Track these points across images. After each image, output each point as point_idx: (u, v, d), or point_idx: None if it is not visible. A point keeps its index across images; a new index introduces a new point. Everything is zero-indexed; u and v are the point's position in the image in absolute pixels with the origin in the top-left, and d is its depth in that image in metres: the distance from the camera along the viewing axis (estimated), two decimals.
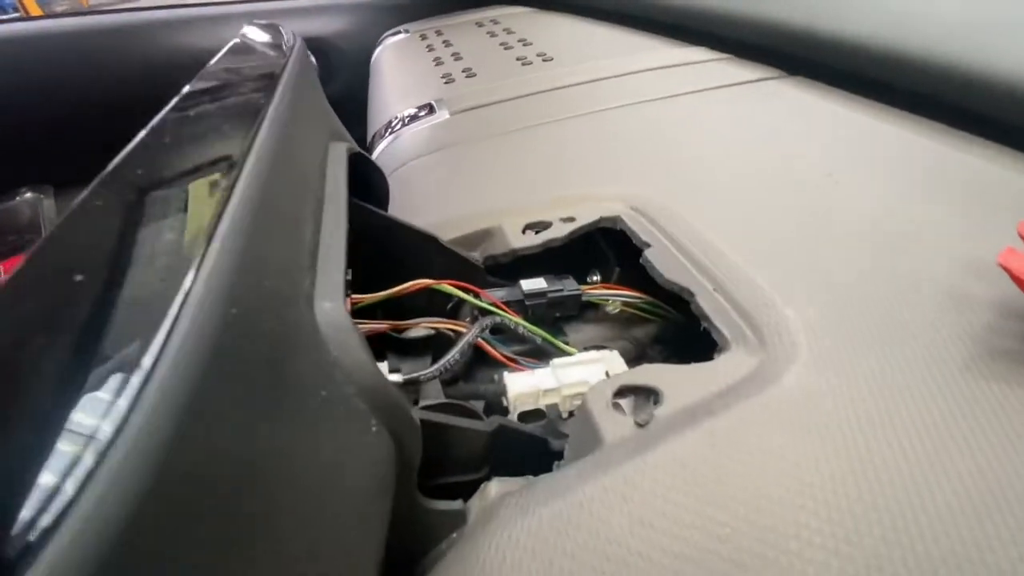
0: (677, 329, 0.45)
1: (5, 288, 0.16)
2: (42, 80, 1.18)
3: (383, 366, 0.31)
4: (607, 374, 0.35)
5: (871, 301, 0.32)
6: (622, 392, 0.30)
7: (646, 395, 0.30)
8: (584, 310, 0.46)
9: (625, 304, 0.45)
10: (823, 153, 0.49)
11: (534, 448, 0.31)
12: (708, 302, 0.35)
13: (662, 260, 0.39)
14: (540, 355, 0.41)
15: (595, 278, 0.53)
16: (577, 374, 0.35)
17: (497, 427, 0.29)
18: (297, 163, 0.27)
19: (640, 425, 0.28)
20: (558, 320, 0.46)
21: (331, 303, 0.20)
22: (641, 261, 0.40)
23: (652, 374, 0.31)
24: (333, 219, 0.27)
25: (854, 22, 0.63)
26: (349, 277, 0.36)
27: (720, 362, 0.31)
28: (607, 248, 0.48)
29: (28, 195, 1.28)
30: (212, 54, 0.38)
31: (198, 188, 0.22)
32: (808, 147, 0.51)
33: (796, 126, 0.55)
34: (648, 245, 0.41)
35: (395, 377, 0.32)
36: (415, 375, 0.33)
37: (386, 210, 0.45)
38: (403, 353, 0.42)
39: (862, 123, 0.54)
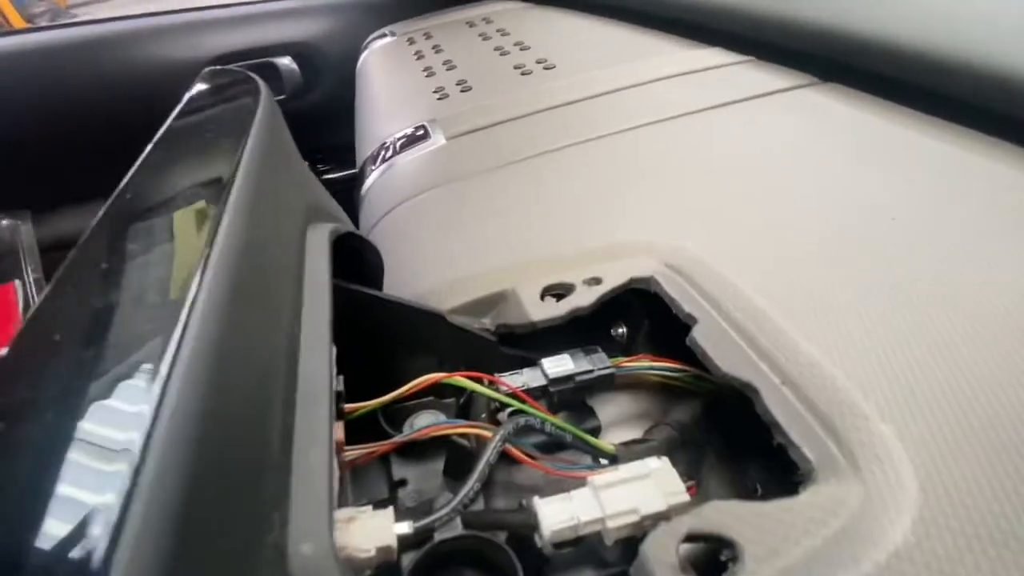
0: (722, 402, 0.39)
1: None
2: (15, 99, 1.11)
3: (388, 513, 0.25)
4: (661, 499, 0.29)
5: (995, 416, 0.26)
6: (689, 539, 0.24)
7: (718, 547, 0.24)
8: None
9: (665, 378, 0.39)
10: (881, 187, 0.43)
11: None
12: (778, 403, 0.29)
13: (715, 343, 0.33)
14: (565, 445, 0.35)
15: (621, 330, 0.47)
16: (624, 498, 0.29)
17: None
18: (261, 289, 0.20)
19: None
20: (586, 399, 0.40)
21: (313, 545, 0.14)
22: (688, 343, 0.34)
23: (724, 516, 0.25)
24: (315, 361, 0.20)
25: (899, 20, 0.55)
26: (340, 387, 0.30)
27: (806, 501, 0.25)
28: (633, 298, 0.42)
29: (5, 222, 1.22)
30: (188, 66, 0.31)
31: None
32: (862, 178, 0.44)
33: (842, 150, 0.49)
34: (694, 319, 0.34)
35: (403, 528, 0.25)
36: (429, 522, 0.27)
37: (380, 284, 0.38)
38: (409, 457, 0.36)
39: (913, 142, 0.48)
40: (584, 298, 0.38)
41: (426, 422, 0.36)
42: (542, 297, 0.39)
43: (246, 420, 0.15)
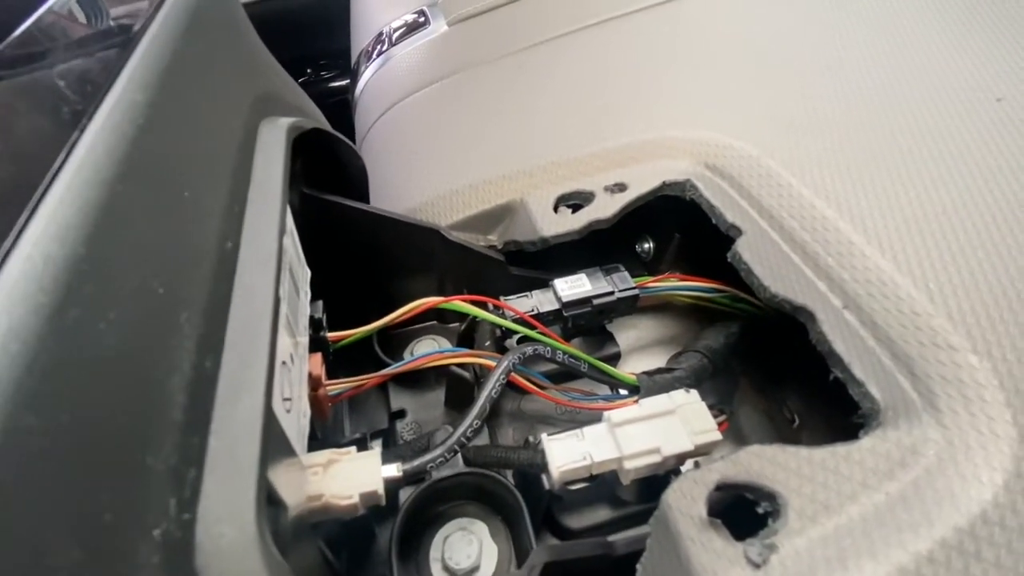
0: (762, 324, 0.34)
1: None
2: None
3: (374, 455, 0.22)
4: (687, 442, 0.25)
5: None
6: (721, 489, 0.21)
7: (755, 498, 0.21)
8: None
9: (697, 299, 0.34)
10: (984, 61, 0.34)
11: (592, 567, 0.23)
12: (838, 331, 0.24)
13: (763, 258, 0.27)
14: (581, 375, 0.31)
15: (647, 246, 0.42)
16: (644, 437, 0.25)
17: (543, 568, 0.20)
18: (179, 176, 0.15)
19: (756, 565, 0.19)
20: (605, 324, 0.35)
21: (233, 526, 0.11)
22: (730, 258, 0.28)
23: (765, 464, 0.21)
24: (257, 284, 0.16)
25: None
26: (319, 315, 0.26)
27: (868, 448, 0.20)
28: (663, 207, 0.36)
29: None
30: None
31: None
32: (957, 49, 0.35)
33: (931, 14, 0.38)
34: (739, 231, 0.29)
35: (391, 471, 0.23)
36: (420, 464, 0.24)
37: (366, 194, 0.33)
38: (409, 386, 0.33)
39: None
40: (605, 208, 0.32)
41: (426, 350, 0.33)
42: (555, 208, 0.34)
43: (125, 372, 0.11)
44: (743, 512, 0.21)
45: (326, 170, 0.29)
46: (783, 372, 0.34)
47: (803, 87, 0.35)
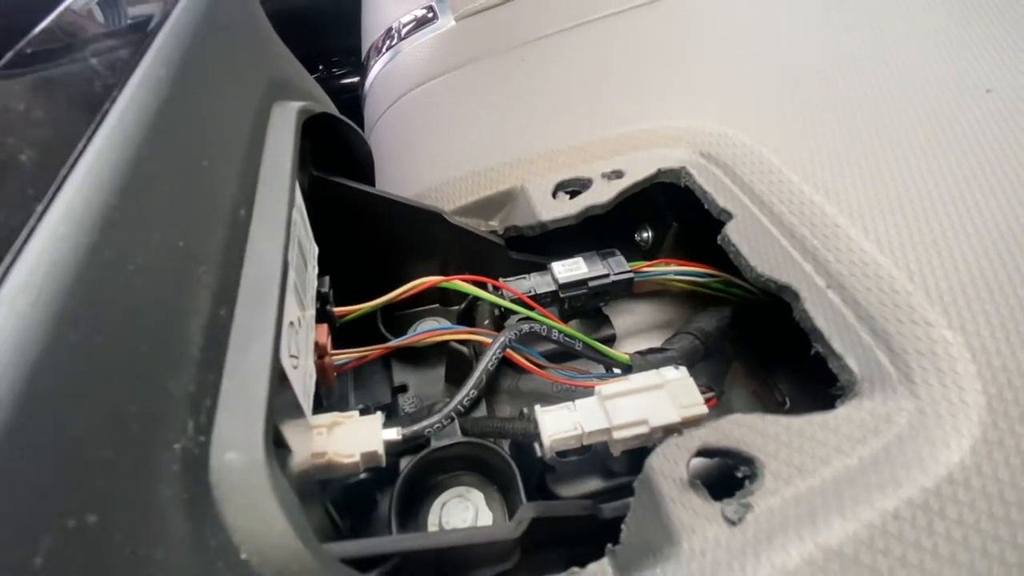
0: (759, 309, 0.35)
1: None
2: None
3: (376, 419, 0.24)
4: (673, 412, 0.26)
5: None
6: (702, 455, 0.22)
7: (734, 463, 0.22)
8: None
9: (691, 283, 0.35)
10: (976, 52, 0.34)
11: (578, 526, 0.24)
12: (820, 308, 0.25)
13: (751, 240, 0.28)
14: (577, 355, 0.33)
15: (646, 235, 0.43)
16: (633, 409, 0.26)
17: (529, 524, 0.21)
18: (197, 149, 0.17)
19: (732, 522, 0.20)
20: (602, 305, 0.36)
21: (240, 453, 0.12)
22: (720, 241, 0.29)
23: (744, 431, 0.22)
24: (267, 251, 0.17)
25: None
26: (326, 289, 0.28)
27: (844, 416, 0.21)
28: (661, 196, 0.37)
29: None
30: None
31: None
32: (950, 40, 0.35)
33: (924, 6, 0.39)
34: (729, 215, 0.30)
35: (392, 433, 0.24)
36: (419, 428, 0.25)
37: (371, 177, 0.34)
38: (411, 363, 0.34)
39: None
40: (602, 194, 0.34)
41: (428, 328, 0.34)
42: (554, 194, 0.35)
43: (151, 304, 0.12)
44: (727, 482, 0.22)
45: (334, 154, 0.31)
46: (775, 356, 0.35)
47: (795, 78, 0.36)
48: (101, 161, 0.13)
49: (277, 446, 0.15)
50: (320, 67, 1.22)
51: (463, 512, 0.27)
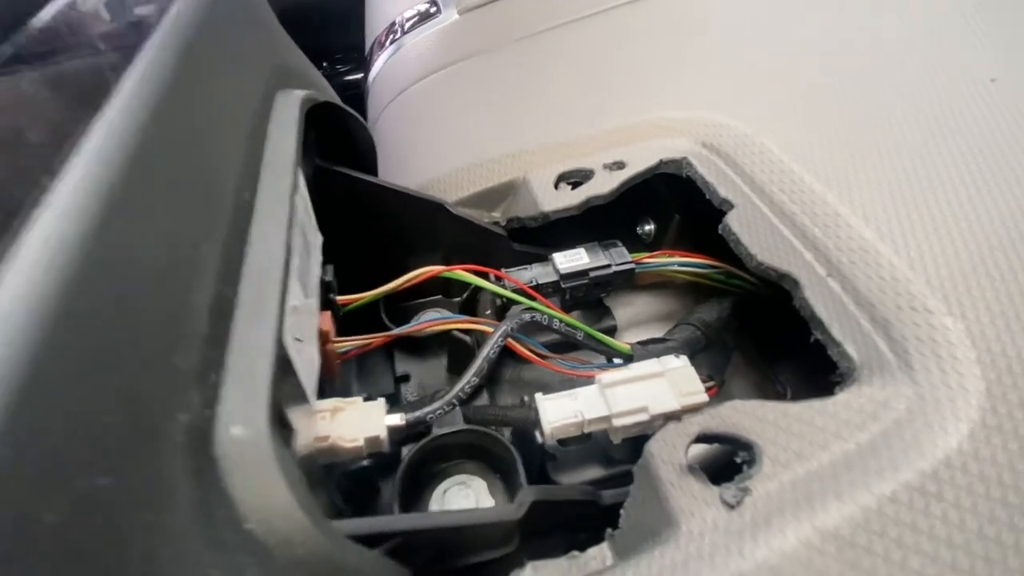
0: (760, 300, 0.35)
1: None
2: None
3: (379, 404, 0.24)
4: (673, 400, 0.26)
5: None
6: (701, 440, 0.22)
7: (733, 448, 0.22)
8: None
9: (693, 275, 0.35)
10: (981, 42, 0.34)
11: (579, 511, 0.24)
12: (820, 296, 0.25)
13: (752, 229, 0.28)
14: (578, 345, 0.33)
15: (648, 227, 0.43)
16: (633, 397, 0.27)
17: (529, 507, 0.22)
18: (201, 133, 0.17)
19: (730, 506, 0.20)
20: (603, 296, 0.37)
21: (245, 428, 0.12)
22: (720, 230, 0.29)
23: (743, 417, 0.22)
24: (270, 234, 0.18)
25: None
26: (329, 278, 0.28)
27: (843, 402, 0.21)
28: (663, 188, 0.37)
29: None
30: None
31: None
32: (955, 29, 0.35)
33: None
34: (730, 204, 0.30)
35: (395, 419, 0.24)
36: (421, 414, 0.25)
37: (374, 168, 0.35)
38: (414, 353, 0.35)
39: None
40: (604, 185, 0.34)
41: (429, 318, 0.34)
42: (556, 185, 0.35)
43: (157, 281, 0.13)
44: (726, 468, 0.22)
45: (337, 144, 0.31)
46: (777, 347, 0.35)
47: (796, 67, 0.36)
48: (107, 144, 0.13)
49: (281, 426, 0.16)
50: (324, 64, 1.22)
51: (464, 499, 0.28)
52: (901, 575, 0.17)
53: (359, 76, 1.24)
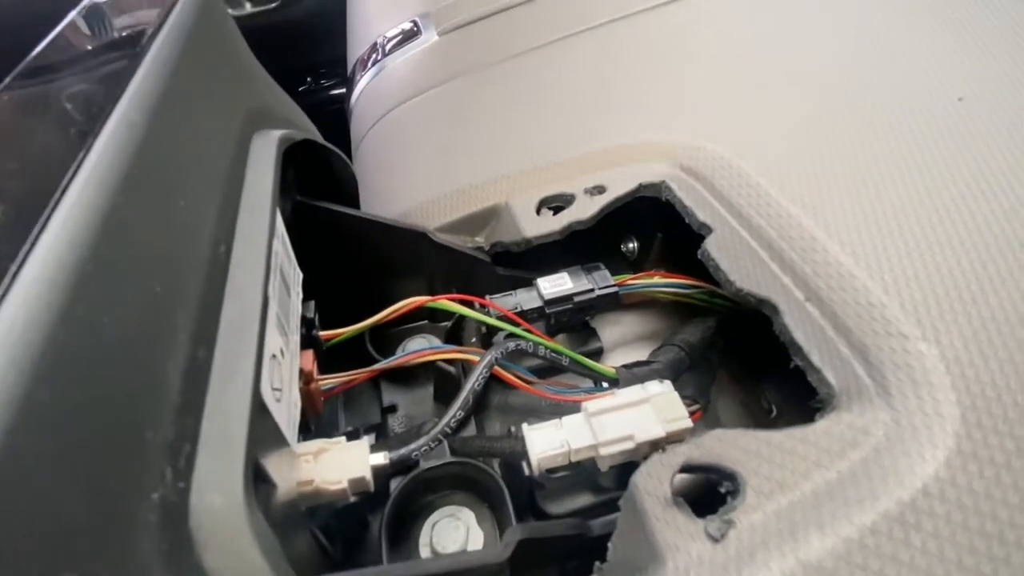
0: (741, 319, 0.35)
1: None
2: None
3: (362, 444, 0.24)
4: (660, 429, 0.26)
5: None
6: (685, 471, 0.22)
7: (717, 479, 0.22)
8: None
9: (676, 295, 0.36)
10: (948, 62, 0.35)
11: (567, 545, 0.24)
12: (799, 322, 0.25)
13: (731, 254, 0.28)
14: (564, 369, 0.33)
15: (632, 245, 0.43)
16: (619, 425, 0.27)
17: (517, 545, 0.21)
18: (175, 190, 0.17)
19: (715, 539, 0.20)
20: (588, 319, 0.37)
21: (221, 495, 0.12)
22: (700, 255, 0.30)
23: (726, 447, 0.22)
24: (247, 285, 0.17)
25: None
26: (311, 314, 0.28)
27: (823, 430, 0.22)
28: (645, 209, 0.37)
29: None
30: None
31: None
32: (922, 49, 0.36)
33: (896, 15, 0.40)
34: (709, 229, 0.30)
35: (379, 458, 0.24)
36: (406, 452, 0.25)
37: (355, 199, 0.35)
38: (400, 383, 0.35)
39: (997, 6, 0.38)
40: (585, 209, 0.34)
41: (415, 347, 0.34)
42: (538, 210, 0.35)
43: (125, 359, 0.12)
44: (711, 496, 0.22)
45: (318, 178, 0.31)
46: (761, 365, 0.35)
47: (773, 92, 0.36)
48: (75, 215, 0.13)
49: (260, 482, 0.15)
50: (308, 79, 1.22)
51: (454, 532, 0.28)
52: None
53: (343, 91, 1.24)
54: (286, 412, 0.20)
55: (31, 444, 0.10)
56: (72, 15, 0.22)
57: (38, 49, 0.20)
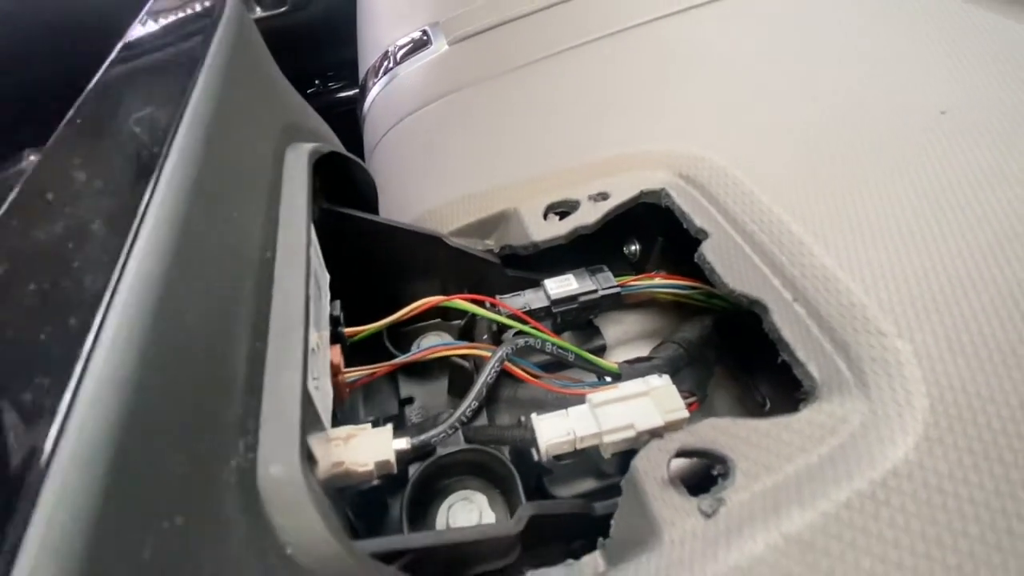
0: (736, 318, 0.37)
1: None
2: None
3: (387, 431, 0.26)
4: (657, 416, 0.29)
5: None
6: (681, 455, 0.25)
7: (710, 462, 0.24)
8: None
9: (675, 295, 0.38)
10: (929, 74, 0.37)
11: (573, 523, 0.26)
12: (787, 320, 0.27)
13: (725, 258, 0.30)
14: (570, 364, 0.35)
15: (634, 248, 0.45)
16: (620, 415, 0.29)
17: (528, 521, 0.24)
18: (230, 205, 0.19)
19: (707, 515, 0.22)
20: (592, 318, 0.39)
21: (282, 466, 0.14)
22: (696, 259, 0.32)
23: (718, 434, 0.24)
24: (291, 285, 0.20)
25: None
26: (337, 313, 0.30)
27: (806, 418, 0.24)
28: (646, 214, 0.39)
29: (32, 157, 1.26)
30: None
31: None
32: (906, 64, 0.38)
33: (885, 31, 0.42)
34: (705, 234, 0.32)
35: (401, 443, 0.26)
36: (426, 438, 0.28)
37: (375, 204, 0.37)
38: (417, 377, 0.37)
39: (979, 22, 0.40)
40: (588, 215, 0.36)
41: (430, 344, 0.37)
42: (545, 216, 0.38)
43: (206, 348, 0.15)
44: (704, 479, 0.24)
45: (341, 186, 0.33)
46: (755, 360, 0.37)
47: (769, 104, 0.38)
48: (157, 230, 0.15)
49: (309, 459, 0.18)
50: (316, 82, 1.25)
51: (468, 513, 0.30)
52: (855, 575, 0.19)
53: (351, 93, 1.27)
54: (322, 400, 0.22)
55: (145, 415, 0.12)
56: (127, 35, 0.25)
57: (99, 75, 0.23)
